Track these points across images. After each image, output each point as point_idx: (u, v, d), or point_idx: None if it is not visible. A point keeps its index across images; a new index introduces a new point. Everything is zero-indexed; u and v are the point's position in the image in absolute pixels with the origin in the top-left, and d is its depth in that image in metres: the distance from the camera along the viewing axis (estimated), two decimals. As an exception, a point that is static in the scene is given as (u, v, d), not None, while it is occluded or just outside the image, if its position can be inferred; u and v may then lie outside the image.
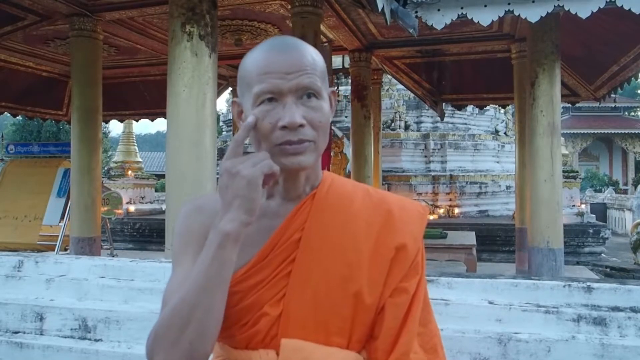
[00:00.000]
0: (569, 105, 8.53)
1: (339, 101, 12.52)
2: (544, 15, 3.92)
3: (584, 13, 3.79)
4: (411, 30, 4.55)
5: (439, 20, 4.29)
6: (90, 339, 1.74)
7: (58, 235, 6.65)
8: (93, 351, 1.68)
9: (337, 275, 0.98)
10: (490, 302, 1.59)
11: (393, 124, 13.00)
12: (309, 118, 0.95)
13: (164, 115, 10.04)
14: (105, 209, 7.46)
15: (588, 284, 1.56)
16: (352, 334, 0.98)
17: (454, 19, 4.24)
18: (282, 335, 0.98)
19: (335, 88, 1.06)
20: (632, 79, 6.44)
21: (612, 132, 27.40)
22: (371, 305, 0.98)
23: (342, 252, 0.99)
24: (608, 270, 8.45)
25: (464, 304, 1.59)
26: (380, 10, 3.94)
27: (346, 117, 11.94)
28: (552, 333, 1.47)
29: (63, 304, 1.81)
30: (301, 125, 0.94)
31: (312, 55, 0.98)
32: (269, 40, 1.02)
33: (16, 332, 1.80)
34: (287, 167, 0.97)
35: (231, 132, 10.20)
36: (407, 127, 13.05)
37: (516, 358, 1.44)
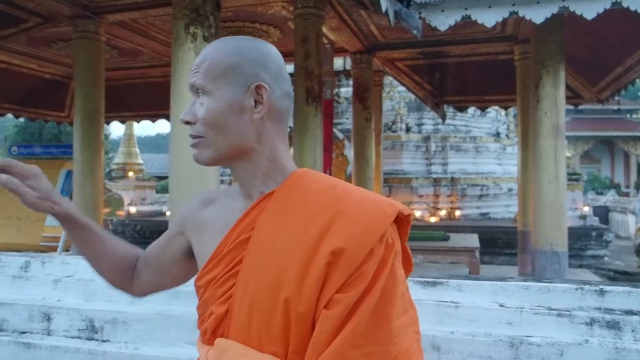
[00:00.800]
0: (571, 107, 8.52)
1: (339, 103, 12.52)
2: (548, 16, 3.92)
3: (589, 14, 3.79)
4: (415, 32, 4.54)
5: (443, 21, 4.29)
6: (97, 340, 1.73)
7: (60, 237, 6.64)
8: (100, 352, 1.66)
9: (270, 280, 0.91)
10: (501, 305, 1.58)
11: (394, 126, 13.00)
12: (197, 115, 0.99)
13: (165, 116, 10.08)
14: (107, 210, 7.45)
15: (601, 287, 1.55)
16: (287, 344, 0.90)
17: (457, 21, 4.23)
18: (225, 335, 0.96)
19: (259, 84, 0.98)
20: (636, 80, 6.42)
21: (614, 134, 27.37)
22: (304, 314, 0.88)
23: (279, 255, 0.93)
24: (611, 273, 8.42)
25: (474, 307, 1.58)
26: (384, 11, 3.93)
27: (347, 119, 11.94)
28: (564, 336, 1.45)
29: (70, 304, 1.80)
30: (187, 122, 1.00)
31: (208, 51, 1.01)
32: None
33: (23, 333, 1.79)
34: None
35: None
36: (408, 129, 13.05)
37: (528, 361, 1.43)
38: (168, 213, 12.10)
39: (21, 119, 10.69)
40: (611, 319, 1.46)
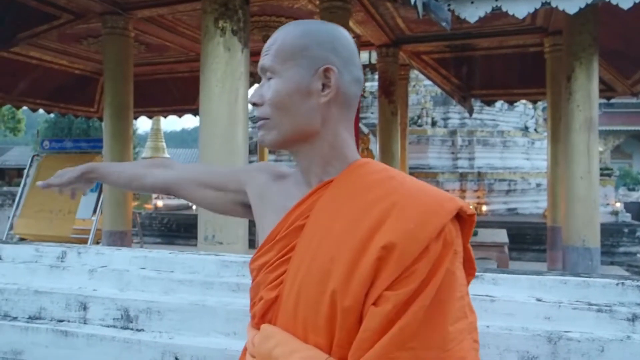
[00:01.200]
0: (603, 100, 8.32)
1: (364, 97, 12.46)
2: (583, 7, 3.81)
3: (625, 4, 3.68)
4: (444, 24, 4.47)
5: (472, 13, 4.21)
6: (132, 329, 1.75)
7: (90, 229, 6.78)
8: (135, 341, 1.69)
9: (319, 270, 0.89)
10: (538, 300, 1.54)
11: (420, 120, 12.90)
12: (264, 96, 0.99)
13: (191, 111, 10.19)
14: (136, 203, 7.58)
15: (643, 281, 1.51)
16: (332, 337, 0.87)
17: (487, 12, 4.15)
18: (274, 321, 0.96)
19: (328, 67, 0.96)
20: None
21: (646, 129, 26.66)
22: (350, 308, 0.84)
23: (330, 245, 0.90)
24: (644, 271, 8.22)
25: (511, 301, 1.55)
26: (412, 3, 3.89)
27: (372, 113, 11.88)
28: (605, 332, 1.42)
29: (105, 294, 1.83)
30: (255, 104, 1.00)
31: (279, 34, 1.01)
32: None
33: (61, 321, 1.82)
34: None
35: (255, 128, 10.23)
36: (434, 124, 12.93)
37: (567, 357, 1.40)
38: (194, 207, 12.24)
39: (52, 115, 10.92)
40: (654, 314, 1.42)
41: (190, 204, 13.15)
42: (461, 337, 0.84)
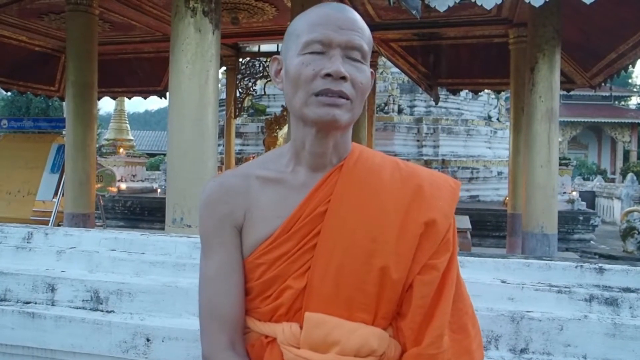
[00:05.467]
0: (563, 92, 8.57)
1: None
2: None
3: (588, -2, 3.79)
4: (414, 12, 4.51)
5: (442, 2, 4.25)
6: (102, 310, 1.74)
7: (51, 211, 6.60)
8: (106, 322, 1.68)
9: (362, 250, 0.95)
10: (503, 281, 1.61)
11: (386, 107, 12.99)
12: (353, 75, 0.96)
13: (157, 93, 9.98)
14: (99, 185, 7.41)
15: (600, 265, 1.59)
16: (377, 310, 0.95)
17: (457, 2, 4.20)
18: (305, 308, 0.97)
19: (372, 71, 1.04)
20: (629, 67, 6.46)
21: (602, 121, 27.60)
22: (398, 281, 0.95)
23: (368, 226, 0.97)
24: (597, 257, 8.57)
25: (477, 283, 1.61)
26: (384, -10, 3.91)
27: (340, 99, 11.89)
28: (564, 312, 1.49)
29: (74, 275, 1.80)
30: (344, 78, 0.94)
31: (364, 24, 1.01)
32: (323, 3, 1.05)
33: (27, 303, 1.79)
34: (321, 119, 0.96)
35: (224, 112, 10.11)
36: (400, 111, 13.05)
37: (528, 336, 1.47)
38: (159, 190, 12.06)
39: (9, 93, 10.52)
40: (609, 295, 1.51)
41: (154, 186, 12.95)
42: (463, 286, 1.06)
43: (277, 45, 9.48)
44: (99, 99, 9.89)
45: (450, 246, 1.00)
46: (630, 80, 36.51)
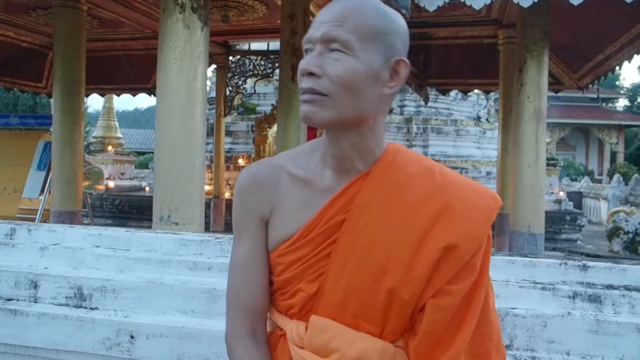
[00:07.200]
0: (551, 94, 8.64)
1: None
2: (536, 1, 3.94)
3: (576, 0, 3.82)
4: (404, 11, 4.51)
5: (432, 1, 4.27)
6: (86, 307, 1.72)
7: (37, 209, 6.54)
8: (89, 319, 1.66)
9: (374, 267, 0.92)
10: (488, 278, 1.62)
11: (377, 108, 13.02)
12: (326, 69, 0.90)
13: (146, 90, 9.92)
14: (87, 183, 7.35)
15: (584, 262, 1.60)
16: (385, 326, 0.93)
17: (446, 2, 4.22)
18: (315, 312, 0.97)
19: (401, 59, 0.93)
20: (616, 68, 6.53)
21: (590, 122, 27.85)
22: (409, 301, 0.91)
23: (383, 243, 0.92)
24: (583, 257, 8.66)
25: (462, 280, 1.61)
26: (374, -11, 3.91)
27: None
28: (548, 309, 1.50)
29: (58, 272, 1.78)
30: (312, 74, 0.90)
31: (349, 7, 0.91)
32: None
33: (9, 300, 1.77)
34: (302, 117, 0.94)
35: (214, 110, 10.07)
36: (390, 111, 13.09)
37: (513, 332, 1.48)
38: (147, 189, 11.98)
39: (-4, 89, 10.41)
40: (593, 292, 1.52)
41: (143, 185, 12.87)
42: (495, 308, 1.02)
43: (267, 44, 9.45)
44: (87, 96, 9.84)
45: (475, 271, 0.92)
46: (617, 83, 36.89)
